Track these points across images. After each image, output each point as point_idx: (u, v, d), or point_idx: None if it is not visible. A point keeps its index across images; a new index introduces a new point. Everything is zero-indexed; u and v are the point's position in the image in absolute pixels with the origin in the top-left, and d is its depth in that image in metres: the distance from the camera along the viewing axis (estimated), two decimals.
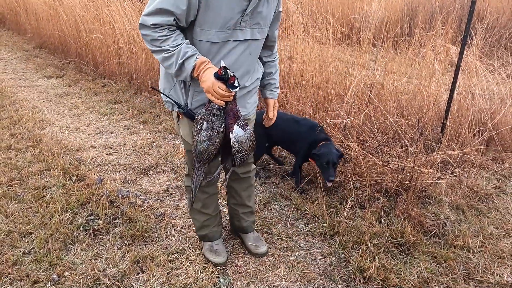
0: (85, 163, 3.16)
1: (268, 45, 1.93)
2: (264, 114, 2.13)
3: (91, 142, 3.58)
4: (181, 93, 1.75)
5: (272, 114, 2.06)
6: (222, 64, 1.53)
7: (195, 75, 1.59)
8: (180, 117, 1.84)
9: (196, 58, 1.57)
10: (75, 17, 6.11)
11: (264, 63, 1.99)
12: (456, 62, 3.26)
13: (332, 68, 3.67)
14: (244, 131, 1.66)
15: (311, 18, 5.28)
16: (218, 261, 2.11)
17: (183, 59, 1.57)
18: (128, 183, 2.92)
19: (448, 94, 3.35)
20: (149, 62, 4.94)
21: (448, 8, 7.57)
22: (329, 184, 2.65)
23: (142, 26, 1.58)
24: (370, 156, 2.85)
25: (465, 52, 3.58)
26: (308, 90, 3.59)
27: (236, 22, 1.61)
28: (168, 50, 1.57)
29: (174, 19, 1.56)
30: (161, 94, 1.81)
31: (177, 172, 3.09)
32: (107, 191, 2.70)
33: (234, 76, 1.54)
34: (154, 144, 3.58)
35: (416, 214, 2.50)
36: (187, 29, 1.65)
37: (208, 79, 1.54)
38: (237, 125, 1.64)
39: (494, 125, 3.52)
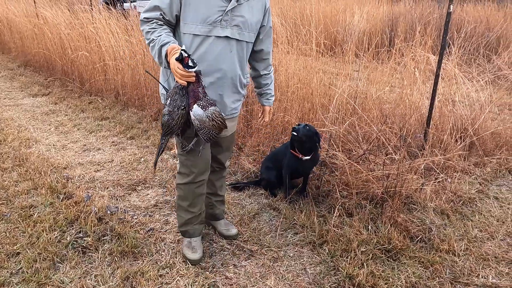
0: (72, 180, 3.15)
1: (263, 58, 2.20)
2: (260, 118, 2.44)
3: (78, 159, 3.57)
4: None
5: (268, 118, 2.41)
6: (182, 47, 1.72)
7: (169, 59, 1.77)
8: None
9: (169, 44, 1.78)
10: (60, 35, 6.12)
11: (261, 75, 2.27)
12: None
13: (317, 79, 3.74)
14: (204, 110, 1.80)
15: (295, 31, 5.39)
16: (193, 258, 2.23)
17: (160, 45, 1.80)
18: (117, 199, 2.91)
19: (429, 102, 3.44)
20: (136, 78, 4.96)
21: (427, 18, 7.79)
22: (292, 132, 2.72)
23: (141, 22, 1.90)
24: (356, 164, 2.91)
25: (444, 61, 3.70)
26: (294, 102, 3.65)
27: (216, 20, 1.85)
28: (153, 39, 1.84)
29: (161, 14, 1.85)
30: (160, 85, 2.04)
31: (165, 186, 3.09)
32: (96, 208, 2.69)
33: (188, 56, 1.71)
34: (142, 159, 3.58)
35: (402, 220, 2.55)
36: (176, 26, 1.92)
37: (172, 62, 1.74)
38: (197, 104, 1.80)
39: (475, 131, 3.63)
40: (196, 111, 1.80)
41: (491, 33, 7.39)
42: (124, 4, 10.73)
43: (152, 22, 1.87)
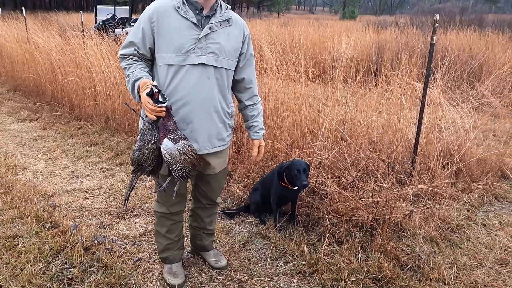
0: (59, 208, 3.10)
1: (246, 87, 2.13)
2: (253, 154, 2.25)
3: (66, 186, 3.52)
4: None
5: (256, 153, 2.22)
6: (154, 82, 1.76)
7: (140, 93, 1.80)
8: None
9: (142, 79, 1.82)
10: (51, 61, 6.14)
11: (246, 106, 2.18)
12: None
13: (305, 106, 3.80)
14: (175, 143, 1.78)
15: (285, 58, 5.52)
16: (174, 283, 2.23)
17: (134, 80, 1.85)
18: (104, 228, 2.86)
19: (416, 129, 3.50)
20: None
21: (413, 47, 8.02)
22: (303, 188, 2.70)
23: (119, 59, 1.96)
24: (345, 193, 2.92)
25: (430, 88, 3.81)
26: (283, 129, 3.69)
27: (189, 48, 1.85)
28: (128, 75, 1.89)
29: (135, 49, 1.90)
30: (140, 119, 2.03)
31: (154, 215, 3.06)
32: (82, 238, 2.64)
33: (158, 92, 1.73)
34: None
35: (392, 248, 2.55)
36: (153, 59, 1.95)
37: (143, 96, 1.77)
38: (168, 138, 1.78)
39: (461, 157, 3.69)
40: (166, 144, 1.77)
41: (474, 61, 7.63)
42: (116, 30, 10.87)
43: (128, 58, 1.91)
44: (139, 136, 1.85)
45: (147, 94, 1.72)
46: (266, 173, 3.43)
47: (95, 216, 3.01)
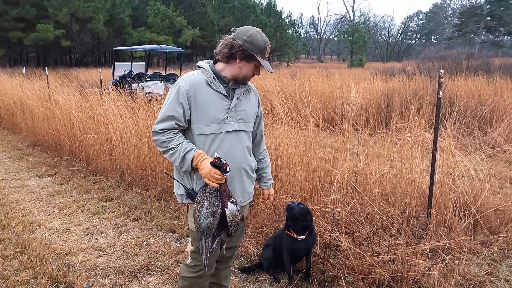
0: (73, 268, 3.10)
1: (258, 144, 2.36)
2: (263, 200, 2.48)
3: (80, 244, 3.55)
4: (188, 181, 2.12)
5: (269, 201, 2.47)
6: (216, 155, 1.94)
7: (194, 164, 1.98)
8: (190, 208, 2.15)
9: (194, 151, 2.00)
10: (70, 117, 6.41)
11: (258, 161, 2.36)
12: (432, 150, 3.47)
13: (316, 160, 3.83)
14: (236, 206, 2.01)
15: (295, 108, 5.64)
16: None
17: (184, 153, 1.99)
18: None
19: (429, 182, 3.49)
20: (141, 157, 5.09)
21: (422, 97, 8.11)
22: (289, 212, 2.82)
23: (154, 133, 2.05)
24: (359, 251, 2.87)
25: (441, 137, 3.83)
26: (296, 182, 3.71)
27: (223, 118, 2.05)
28: (173, 147, 2.02)
29: (176, 123, 2.03)
30: (174, 181, 2.18)
31: (167, 273, 3.04)
32: None
33: (226, 163, 1.93)
34: (145, 243, 3.55)
35: None
36: (188, 130, 2.10)
37: (205, 167, 1.94)
38: (230, 202, 2.00)
39: (478, 208, 3.62)
40: (231, 207, 1.99)
41: (483, 107, 7.67)
42: (132, 84, 11.36)
43: (168, 132, 2.03)
44: (206, 203, 1.96)
45: (215, 166, 1.91)
46: (280, 227, 3.41)
47: (108, 276, 3.01)
